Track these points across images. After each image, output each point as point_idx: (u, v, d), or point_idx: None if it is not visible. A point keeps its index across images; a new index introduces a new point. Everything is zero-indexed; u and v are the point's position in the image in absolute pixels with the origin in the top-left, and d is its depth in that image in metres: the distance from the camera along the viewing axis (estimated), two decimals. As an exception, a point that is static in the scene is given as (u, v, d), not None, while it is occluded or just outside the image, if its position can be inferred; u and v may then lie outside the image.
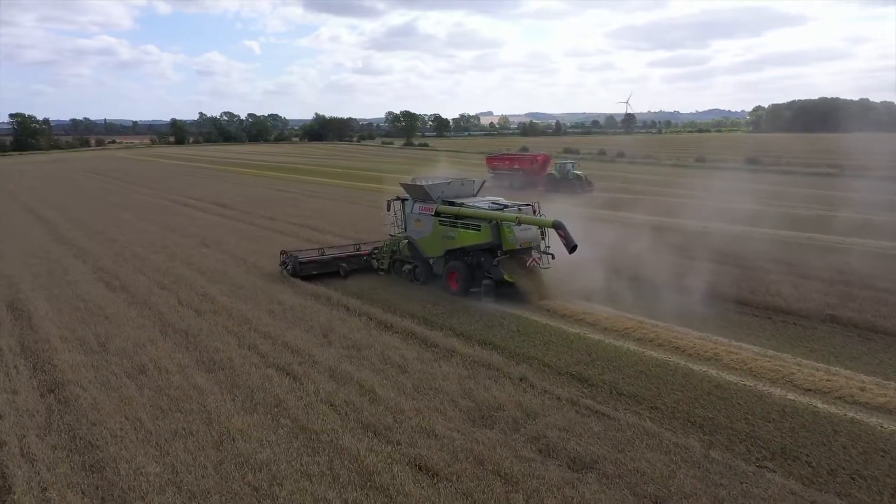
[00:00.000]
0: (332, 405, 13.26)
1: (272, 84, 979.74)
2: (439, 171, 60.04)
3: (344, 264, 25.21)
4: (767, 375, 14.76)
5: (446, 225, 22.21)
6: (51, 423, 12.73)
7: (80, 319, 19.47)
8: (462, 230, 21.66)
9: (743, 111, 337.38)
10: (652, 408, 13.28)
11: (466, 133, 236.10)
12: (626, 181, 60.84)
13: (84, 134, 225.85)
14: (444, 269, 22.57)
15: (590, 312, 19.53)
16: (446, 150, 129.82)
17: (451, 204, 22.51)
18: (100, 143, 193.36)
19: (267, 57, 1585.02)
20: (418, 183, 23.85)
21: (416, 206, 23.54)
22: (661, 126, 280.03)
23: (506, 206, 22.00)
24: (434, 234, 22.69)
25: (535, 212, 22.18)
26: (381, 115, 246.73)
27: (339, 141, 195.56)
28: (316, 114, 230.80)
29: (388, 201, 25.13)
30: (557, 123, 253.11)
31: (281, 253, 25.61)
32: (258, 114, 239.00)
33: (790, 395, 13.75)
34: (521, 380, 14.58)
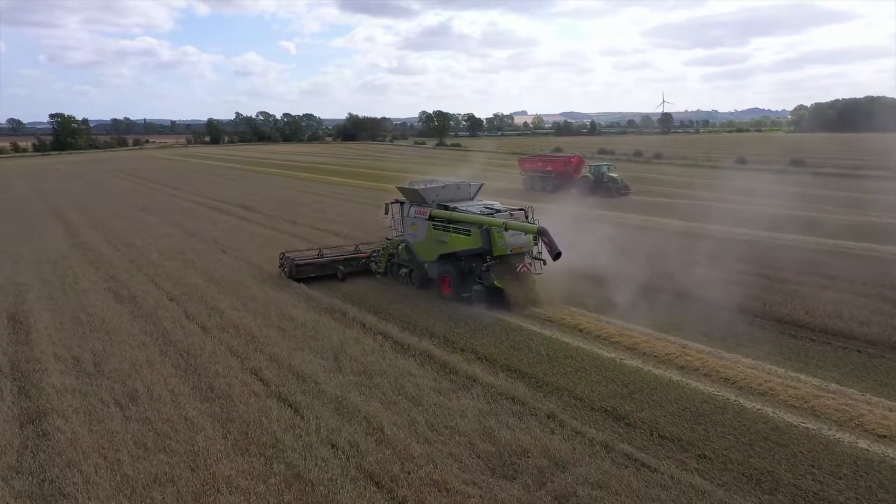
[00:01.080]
0: (333, 446, 11.76)
1: (307, 84, 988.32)
2: (463, 172, 58.50)
3: (341, 267, 24.87)
4: (833, 416, 12.89)
5: (440, 229, 21.81)
6: (22, 464, 11.44)
7: (79, 335, 18.33)
8: (454, 235, 21.28)
9: (784, 110, 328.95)
10: (700, 456, 11.52)
11: (500, 133, 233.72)
12: (664, 184, 58.54)
13: (124, 134, 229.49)
14: (438, 273, 22.18)
15: (626, 334, 17.77)
16: (478, 151, 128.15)
17: (445, 208, 22.16)
18: (137, 143, 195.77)
19: (303, 57, 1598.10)
20: (414, 186, 23.44)
21: (412, 209, 23.28)
22: (699, 125, 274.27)
23: (498, 211, 21.46)
24: (428, 238, 22.31)
25: (527, 217, 21.62)
26: (415, 114, 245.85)
27: (372, 141, 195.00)
28: (349, 113, 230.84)
29: (386, 204, 24.75)
30: (592, 123, 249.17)
31: (280, 255, 25.36)
32: (293, 113, 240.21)
33: (861, 443, 11.87)
34: (548, 417, 12.93)
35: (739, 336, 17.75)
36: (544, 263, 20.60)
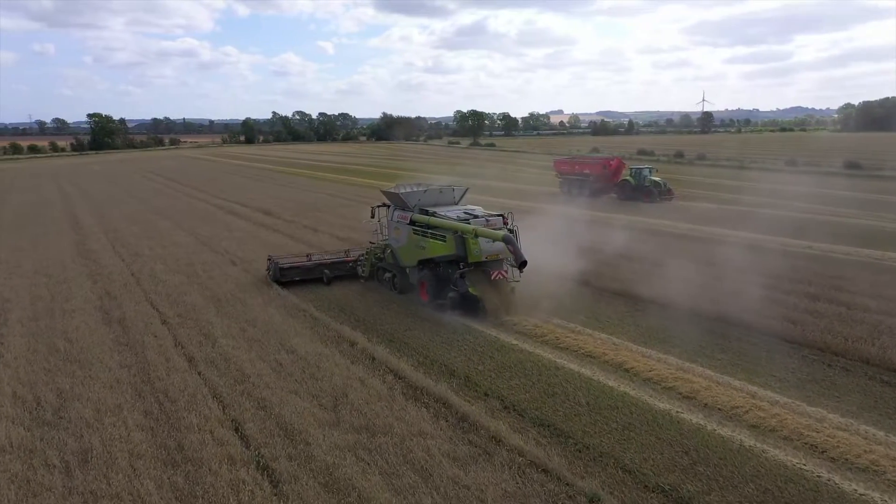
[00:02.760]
0: (314, 544, 9.20)
1: (344, 83, 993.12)
2: (493, 173, 55.74)
3: (327, 271, 24.52)
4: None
5: (419, 234, 21.38)
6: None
7: (50, 368, 16.10)
8: (431, 240, 20.82)
9: (828, 109, 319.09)
10: (794, 571, 8.70)
11: (535, 132, 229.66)
12: (710, 188, 54.98)
13: (164, 133, 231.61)
14: (417, 279, 21.88)
15: (682, 377, 14.90)
16: (513, 151, 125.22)
17: (425, 213, 21.66)
18: (173, 143, 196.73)
19: (339, 57, 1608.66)
20: (396, 190, 23.13)
21: (396, 213, 22.96)
22: (740, 125, 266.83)
23: (476, 217, 20.75)
24: (409, 243, 21.98)
25: (505, 222, 20.71)
26: (450, 113, 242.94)
27: (406, 140, 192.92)
28: (383, 113, 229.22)
29: (373, 208, 24.33)
30: (630, 122, 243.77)
31: (268, 258, 24.93)
32: (329, 113, 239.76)
33: None
34: (591, 502, 10.20)
35: (819, 382, 14.80)
36: (520, 272, 19.36)
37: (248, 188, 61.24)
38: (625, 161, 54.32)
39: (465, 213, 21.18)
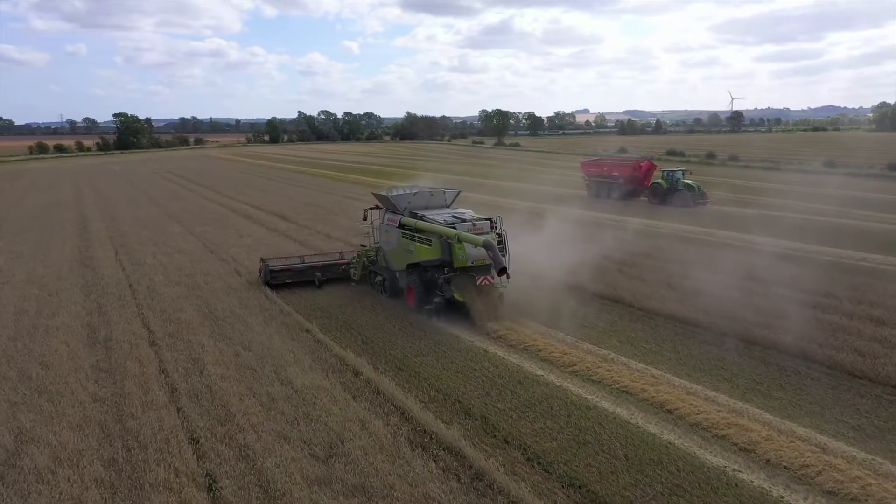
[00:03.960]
0: None
1: (369, 83, 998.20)
2: (513, 174, 53.46)
3: (318, 273, 24.17)
4: None
5: (408, 238, 20.94)
6: None
7: (16, 401, 14.31)
8: (418, 244, 20.36)
9: (861, 108, 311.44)
10: None
11: (561, 132, 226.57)
12: (746, 191, 52.24)
13: (191, 132, 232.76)
14: (405, 283, 21.44)
15: (736, 422, 12.67)
16: (538, 150, 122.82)
17: (414, 216, 21.18)
18: (198, 142, 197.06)
19: (365, 57, 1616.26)
20: (385, 193, 22.81)
21: (387, 216, 22.58)
22: (771, 124, 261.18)
23: (464, 221, 20.05)
24: (399, 247, 21.58)
25: (492, 226, 20.11)
26: (475, 113, 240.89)
27: (430, 140, 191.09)
28: (407, 112, 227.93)
29: (365, 210, 24.12)
30: (658, 122, 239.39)
31: (261, 260, 24.65)
32: (354, 112, 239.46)
33: None
34: None
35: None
36: (508, 277, 18.98)
37: (266, 190, 59.73)
38: (655, 162, 51.75)
39: (454, 216, 20.53)
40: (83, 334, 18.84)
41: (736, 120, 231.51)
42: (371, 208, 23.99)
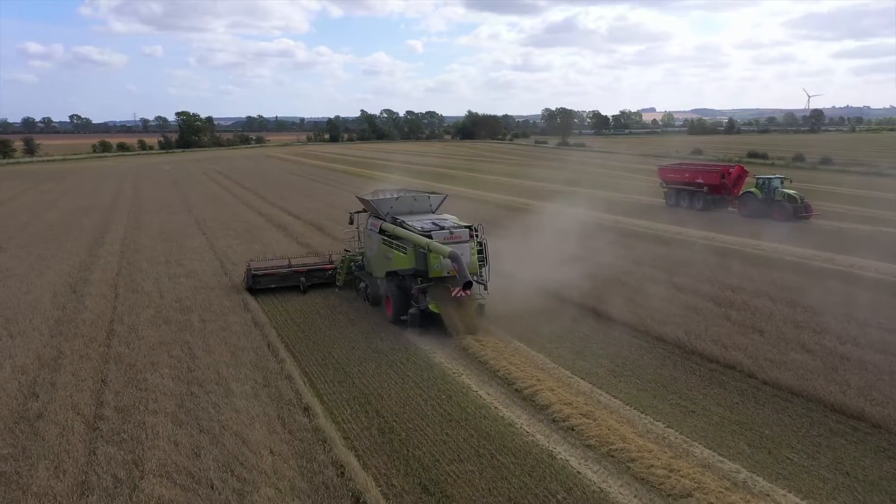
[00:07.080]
0: None
1: (432, 82, 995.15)
2: (572, 177, 47.47)
3: (303, 279, 23.47)
4: None
5: (387, 244, 20.07)
6: None
7: None
8: (396, 252, 19.52)
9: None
10: None
11: (627, 131, 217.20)
12: (851, 201, 45.03)
13: (256, 131, 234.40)
14: (384, 291, 20.21)
15: None
16: (603, 151, 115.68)
17: (394, 221, 20.17)
18: (259, 141, 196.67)
19: (428, 56, 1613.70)
20: (369, 196, 22.33)
21: (370, 220, 21.82)
22: (853, 123, 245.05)
23: (442, 228, 18.97)
24: (379, 253, 20.71)
25: (472, 235, 19.08)
26: (538, 111, 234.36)
27: (491, 139, 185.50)
28: (468, 111, 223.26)
29: (351, 214, 23.35)
30: (730, 121, 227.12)
31: (247, 264, 24.02)
32: (416, 111, 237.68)
33: None
34: None
35: None
36: (485, 288, 18.81)
37: (311, 194, 55.62)
38: (747, 168, 45.01)
39: (434, 223, 19.50)
40: (12, 406, 14.21)
41: (816, 119, 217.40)
42: (358, 212, 23.09)
